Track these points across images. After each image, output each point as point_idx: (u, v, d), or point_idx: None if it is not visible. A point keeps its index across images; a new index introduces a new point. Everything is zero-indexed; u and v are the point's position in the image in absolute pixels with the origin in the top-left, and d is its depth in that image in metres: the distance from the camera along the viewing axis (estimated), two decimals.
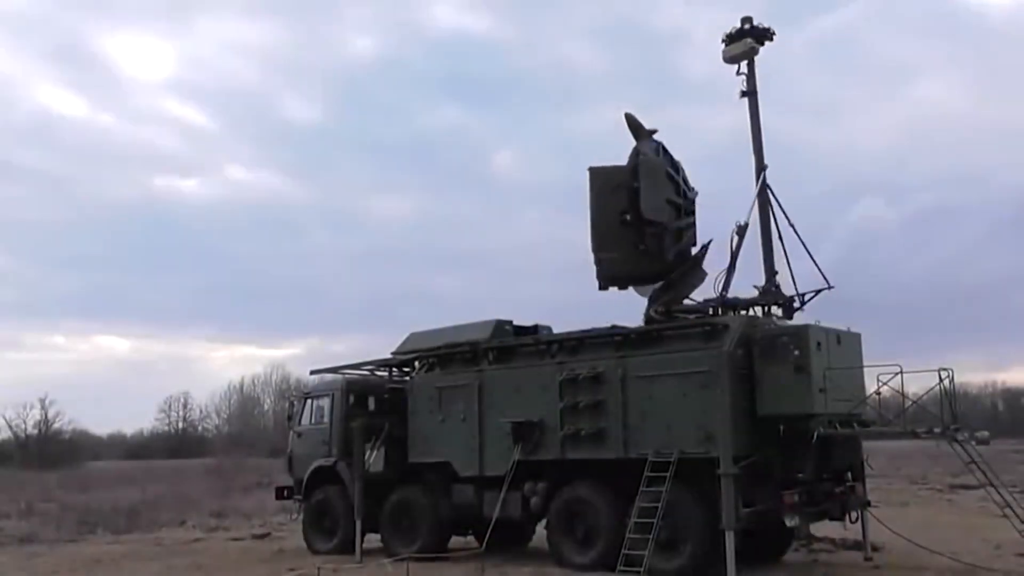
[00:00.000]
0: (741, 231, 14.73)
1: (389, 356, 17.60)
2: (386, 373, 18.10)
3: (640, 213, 14.19)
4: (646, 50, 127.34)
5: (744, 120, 15.46)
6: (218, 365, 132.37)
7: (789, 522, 12.34)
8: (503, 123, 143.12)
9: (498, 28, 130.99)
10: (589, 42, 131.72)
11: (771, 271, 14.58)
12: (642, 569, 12.12)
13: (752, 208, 14.96)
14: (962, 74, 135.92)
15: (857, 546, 14.59)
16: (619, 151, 15.43)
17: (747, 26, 15.40)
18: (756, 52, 15.39)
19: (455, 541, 16.59)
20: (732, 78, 15.55)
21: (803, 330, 12.68)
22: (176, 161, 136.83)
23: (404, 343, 17.31)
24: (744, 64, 15.39)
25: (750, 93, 15.35)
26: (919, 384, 12.98)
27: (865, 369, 13.44)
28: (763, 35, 15.43)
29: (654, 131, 15.39)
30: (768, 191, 14.90)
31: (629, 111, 15.08)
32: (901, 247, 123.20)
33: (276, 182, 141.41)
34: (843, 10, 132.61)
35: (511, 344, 15.57)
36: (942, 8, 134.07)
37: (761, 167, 15.02)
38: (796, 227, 14.73)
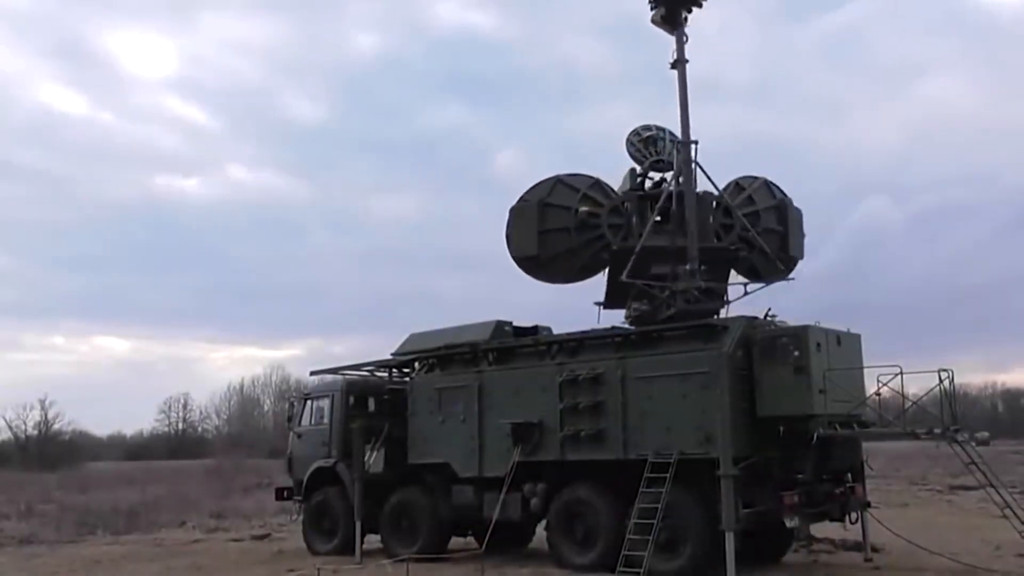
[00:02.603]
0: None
1: (389, 357, 17.60)
2: (386, 374, 18.11)
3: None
4: (650, 48, 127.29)
5: (748, 117, 15.68)
6: (218, 366, 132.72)
7: (789, 523, 12.34)
8: (505, 122, 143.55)
9: (501, 26, 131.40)
10: (592, 40, 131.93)
11: (695, 254, 14.53)
12: (642, 570, 12.09)
13: (669, 185, 15.13)
14: (969, 73, 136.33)
15: (857, 547, 14.59)
16: (621, 150, 15.57)
17: None
18: (658, 17, 15.25)
19: (455, 542, 16.57)
20: (734, 75, 15.69)
21: (803, 331, 12.66)
22: (177, 160, 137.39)
23: (404, 344, 17.31)
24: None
25: (679, 63, 15.22)
26: (919, 385, 13.03)
27: (865, 370, 13.43)
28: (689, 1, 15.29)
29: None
30: (698, 168, 14.93)
31: (630, 108, 15.30)
32: (904, 248, 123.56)
33: (277, 182, 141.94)
34: (849, 8, 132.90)
35: (511, 345, 15.57)
36: (949, 7, 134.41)
37: (687, 141, 14.91)
38: (734, 211, 15.07)
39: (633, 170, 15.68)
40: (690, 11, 15.29)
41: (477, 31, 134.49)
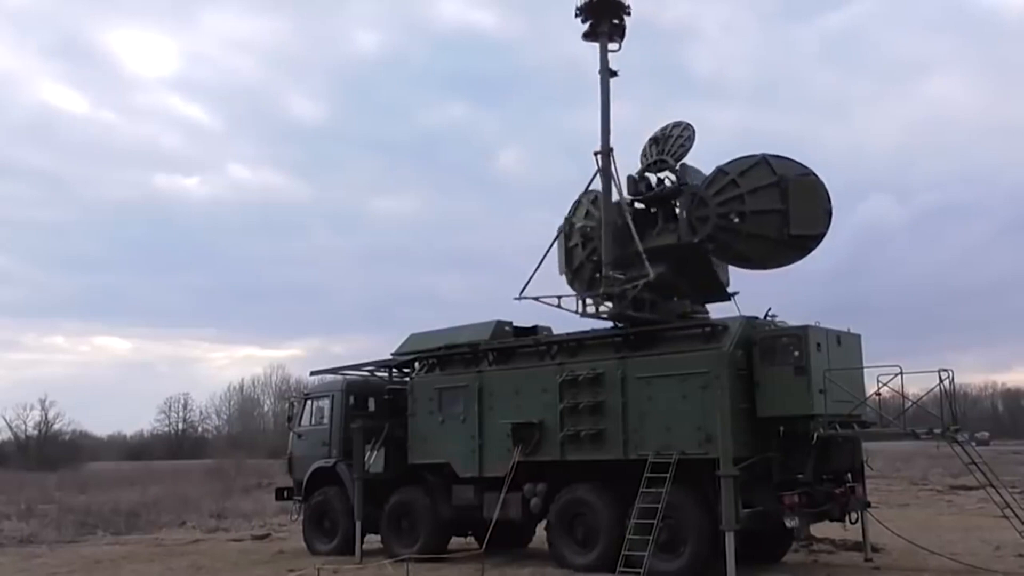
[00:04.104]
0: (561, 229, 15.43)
1: (389, 357, 17.60)
2: (386, 374, 18.10)
3: None
4: (654, 46, 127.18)
5: (750, 116, 15.58)
6: (218, 366, 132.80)
7: (789, 523, 12.32)
8: (508, 121, 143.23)
9: (503, 25, 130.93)
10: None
11: (609, 259, 14.62)
12: (642, 570, 12.09)
13: (581, 197, 15.42)
14: (971, 72, 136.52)
15: (857, 547, 14.59)
16: (624, 150, 15.68)
17: None
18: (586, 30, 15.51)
19: (455, 542, 16.58)
20: (736, 74, 15.66)
21: (803, 331, 12.65)
22: (177, 160, 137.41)
23: (404, 344, 17.30)
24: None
25: (603, 72, 15.41)
26: (919, 385, 13.03)
27: (865, 370, 13.43)
28: (617, 9, 15.46)
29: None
30: (613, 176, 15.03)
31: (631, 107, 15.22)
32: (906, 247, 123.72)
33: (278, 181, 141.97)
34: (851, 7, 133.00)
35: (511, 345, 15.56)
36: (951, 5, 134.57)
37: (607, 150, 15.06)
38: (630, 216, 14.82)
39: (631, 176, 15.62)
40: (620, 19, 15.47)
41: (479, 29, 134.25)
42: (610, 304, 14.43)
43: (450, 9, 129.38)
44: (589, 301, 14.73)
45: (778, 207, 14.04)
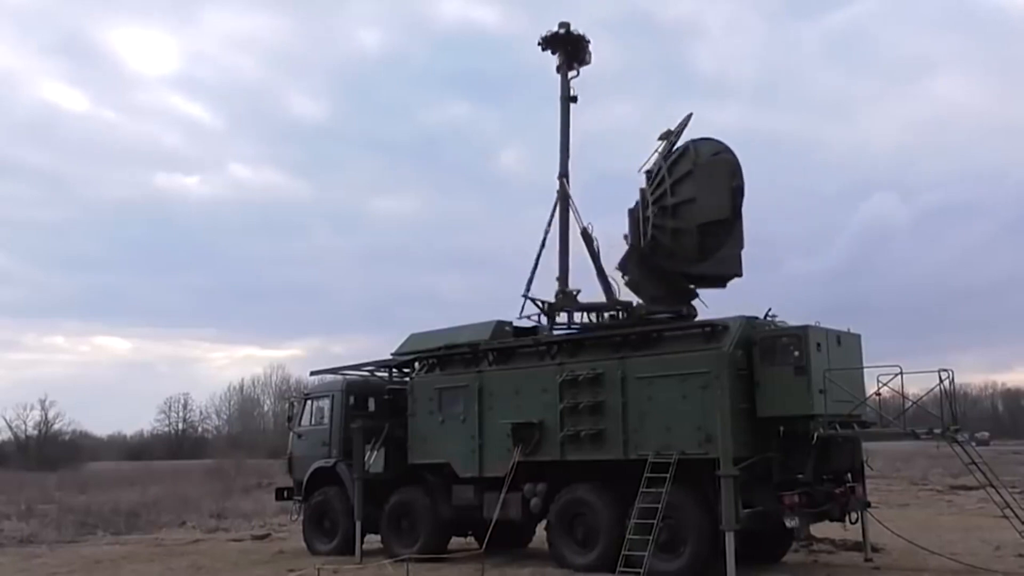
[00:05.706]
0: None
1: (389, 357, 17.60)
2: (386, 374, 18.10)
3: None
4: (657, 43, 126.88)
5: (753, 114, 15.81)
6: (218, 366, 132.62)
7: (789, 523, 12.32)
8: (509, 121, 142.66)
9: (505, 22, 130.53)
10: (596, 37, 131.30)
11: (564, 277, 15.31)
12: (642, 570, 12.10)
13: (552, 216, 15.96)
14: (976, 70, 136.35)
15: (857, 547, 14.59)
16: (625, 148, 15.90)
17: (562, 31, 16.32)
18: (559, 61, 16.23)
19: (455, 542, 16.58)
20: (740, 72, 15.91)
21: (803, 331, 12.64)
22: (178, 159, 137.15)
23: (404, 344, 17.31)
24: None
25: (563, 99, 15.88)
26: (919, 385, 13.02)
27: (865, 370, 13.43)
28: (576, 42, 16.15)
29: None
30: (568, 199, 15.59)
31: (634, 106, 15.74)
32: (908, 246, 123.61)
33: (279, 180, 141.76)
34: (855, 5, 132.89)
35: (511, 345, 15.55)
36: (956, 3, 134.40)
37: (564, 174, 15.60)
38: (591, 239, 15.57)
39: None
40: (585, 44, 16.21)
41: (480, 27, 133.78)
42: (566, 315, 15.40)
43: (451, 7, 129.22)
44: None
45: (693, 196, 13.60)
